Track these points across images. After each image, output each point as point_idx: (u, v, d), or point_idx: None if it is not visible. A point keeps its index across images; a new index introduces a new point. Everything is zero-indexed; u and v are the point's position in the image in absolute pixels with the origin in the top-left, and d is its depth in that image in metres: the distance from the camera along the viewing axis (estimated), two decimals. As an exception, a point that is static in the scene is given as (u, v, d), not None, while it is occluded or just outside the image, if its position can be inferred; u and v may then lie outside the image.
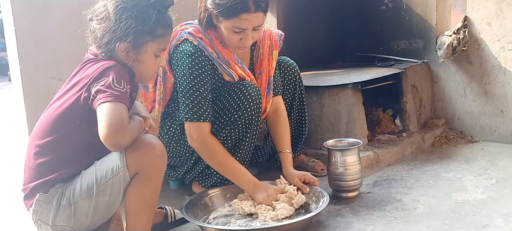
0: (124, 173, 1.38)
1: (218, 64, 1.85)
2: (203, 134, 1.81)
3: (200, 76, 1.79)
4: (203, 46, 1.81)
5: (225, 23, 1.77)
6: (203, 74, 1.80)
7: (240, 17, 1.74)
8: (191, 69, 1.78)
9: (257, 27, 1.79)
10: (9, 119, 4.04)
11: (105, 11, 1.41)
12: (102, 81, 1.35)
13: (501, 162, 2.25)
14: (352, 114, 2.30)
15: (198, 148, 1.84)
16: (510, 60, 2.49)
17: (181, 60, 1.80)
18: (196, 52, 1.80)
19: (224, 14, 1.75)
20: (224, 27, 1.79)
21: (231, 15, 1.74)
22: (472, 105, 2.65)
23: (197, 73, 1.79)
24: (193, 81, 1.78)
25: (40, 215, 1.42)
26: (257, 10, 1.75)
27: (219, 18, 1.77)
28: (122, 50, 1.42)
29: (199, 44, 1.81)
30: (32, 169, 1.44)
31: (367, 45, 2.96)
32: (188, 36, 1.82)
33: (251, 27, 1.77)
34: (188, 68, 1.78)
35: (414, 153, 2.44)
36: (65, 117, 1.40)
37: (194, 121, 1.80)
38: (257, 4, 1.74)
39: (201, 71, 1.79)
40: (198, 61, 1.79)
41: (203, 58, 1.80)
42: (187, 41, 1.81)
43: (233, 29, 1.77)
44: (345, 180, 1.89)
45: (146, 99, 1.97)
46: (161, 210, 1.75)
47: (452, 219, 1.67)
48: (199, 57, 1.80)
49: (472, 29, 2.57)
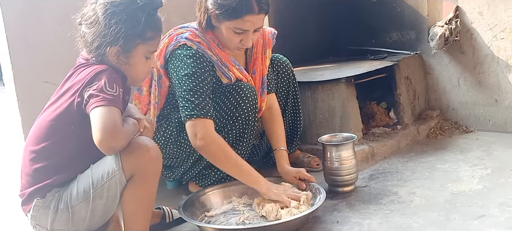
0: (120, 176, 1.39)
1: (218, 66, 1.85)
2: (208, 130, 1.73)
3: (203, 75, 1.79)
4: (202, 49, 1.82)
5: (226, 24, 1.77)
6: (205, 73, 1.80)
7: (244, 19, 1.74)
8: (194, 68, 1.77)
9: (258, 28, 1.80)
10: (3, 124, 4.02)
11: (94, 15, 1.41)
12: (94, 86, 1.35)
13: (496, 151, 2.26)
14: (346, 108, 2.30)
15: (203, 146, 1.72)
16: (502, 49, 2.50)
17: (182, 62, 1.79)
18: (197, 53, 1.80)
19: (228, 15, 1.74)
20: (225, 28, 1.79)
21: (235, 16, 1.74)
22: (466, 96, 2.66)
23: (200, 73, 1.78)
24: (197, 79, 1.77)
25: (38, 220, 1.43)
26: (260, 11, 1.75)
27: (220, 18, 1.77)
28: (112, 55, 1.42)
29: (198, 48, 1.81)
30: (28, 175, 1.44)
31: (359, 38, 2.96)
32: (186, 41, 1.82)
33: (253, 29, 1.78)
34: (191, 67, 1.77)
35: (409, 145, 2.45)
36: (59, 123, 1.41)
37: (200, 117, 1.72)
38: (260, 6, 1.75)
39: (203, 70, 1.79)
40: (200, 61, 1.79)
41: (204, 59, 1.81)
42: (185, 46, 1.81)
43: (235, 30, 1.77)
44: (340, 175, 1.90)
45: (140, 102, 1.96)
46: (159, 211, 1.76)
47: (448, 210, 1.69)
48: (201, 57, 1.80)
49: (464, 19, 2.58)
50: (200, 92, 1.76)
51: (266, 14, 1.80)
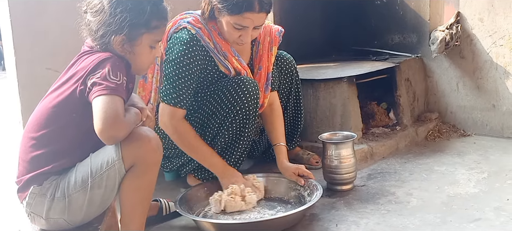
0: (119, 166, 1.38)
1: (214, 54, 1.85)
2: (174, 118, 1.82)
3: (189, 66, 1.80)
4: (200, 35, 1.82)
5: (227, 18, 1.78)
6: (193, 64, 1.80)
7: (244, 15, 1.75)
8: (181, 57, 1.78)
9: (258, 26, 1.81)
10: (3, 109, 4.00)
11: (100, 4, 1.40)
12: (98, 74, 1.34)
13: (493, 155, 2.28)
14: (347, 107, 2.31)
15: (167, 131, 1.85)
16: (501, 56, 2.51)
17: (174, 46, 1.81)
18: (192, 40, 1.80)
19: (228, 10, 1.75)
20: (225, 22, 1.79)
21: (235, 12, 1.74)
22: (465, 100, 2.67)
23: (186, 62, 1.79)
24: (181, 68, 1.79)
25: (33, 207, 1.41)
26: (261, 10, 1.76)
27: (222, 12, 1.78)
28: (117, 43, 1.41)
29: (196, 33, 1.81)
30: (26, 162, 1.43)
31: (362, 39, 2.97)
32: (187, 25, 1.83)
33: (252, 26, 1.78)
34: (179, 55, 1.79)
35: (408, 146, 2.47)
36: (61, 110, 1.39)
37: (171, 105, 1.82)
38: (261, 5, 1.75)
39: (191, 61, 1.80)
40: (191, 50, 1.80)
41: (197, 48, 1.81)
42: (185, 29, 1.82)
43: (235, 26, 1.78)
44: (339, 173, 1.91)
45: (144, 90, 1.97)
46: (156, 203, 1.76)
47: (444, 213, 1.70)
48: (194, 46, 1.80)
49: (465, 24, 2.59)
50: (180, 82, 1.80)
51: (268, 13, 1.81)
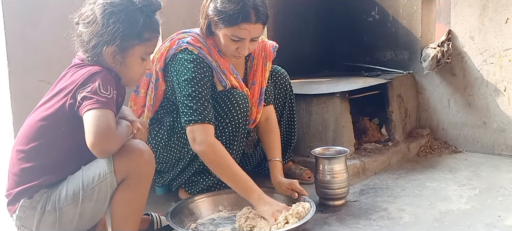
0: (111, 179, 1.37)
1: (216, 73, 1.87)
2: (209, 136, 1.75)
3: (203, 80, 1.80)
4: (203, 54, 1.83)
5: (224, 30, 1.78)
6: (205, 78, 1.81)
7: (241, 26, 1.75)
8: (194, 73, 1.78)
9: (255, 38, 1.82)
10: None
11: (92, 15, 1.40)
12: (88, 88, 1.33)
13: (484, 172, 2.29)
14: (340, 122, 2.32)
15: (203, 151, 1.75)
16: (492, 73, 2.55)
17: (183, 66, 1.80)
18: (198, 58, 1.81)
19: (225, 21, 1.76)
20: (222, 35, 1.80)
21: (232, 23, 1.75)
22: (456, 116, 2.70)
23: (200, 77, 1.79)
24: (197, 84, 1.78)
25: (24, 221, 1.40)
26: (258, 21, 1.77)
27: (218, 25, 1.79)
28: (109, 54, 1.41)
29: (199, 52, 1.82)
30: (16, 175, 1.41)
31: (355, 55, 3.00)
32: (188, 45, 1.83)
33: (249, 38, 1.79)
34: (191, 72, 1.78)
35: (400, 162, 2.48)
36: (50, 123, 1.38)
37: (199, 123, 1.75)
38: (258, 16, 1.76)
39: (203, 75, 1.80)
40: (201, 66, 1.81)
41: (204, 64, 1.82)
42: (186, 50, 1.82)
43: (232, 38, 1.79)
44: (332, 188, 1.91)
45: (136, 104, 1.96)
46: (147, 217, 1.74)
47: (436, 229, 1.70)
48: (201, 62, 1.81)
49: (456, 42, 2.63)
50: (200, 97, 1.78)
51: (264, 25, 1.82)
